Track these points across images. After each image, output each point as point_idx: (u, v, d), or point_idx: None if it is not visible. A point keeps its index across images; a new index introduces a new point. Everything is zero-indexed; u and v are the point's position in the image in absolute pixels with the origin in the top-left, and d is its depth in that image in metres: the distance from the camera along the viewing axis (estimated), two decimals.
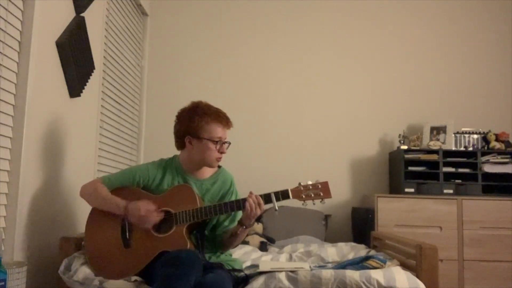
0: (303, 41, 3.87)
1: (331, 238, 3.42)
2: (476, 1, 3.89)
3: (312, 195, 1.88)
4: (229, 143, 2.07)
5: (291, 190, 1.88)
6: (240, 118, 3.75)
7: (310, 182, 1.90)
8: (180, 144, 2.08)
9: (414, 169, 3.42)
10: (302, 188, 1.89)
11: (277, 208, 1.85)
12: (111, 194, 1.99)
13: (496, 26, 3.87)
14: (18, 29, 1.99)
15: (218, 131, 2.00)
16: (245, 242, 2.88)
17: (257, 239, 2.98)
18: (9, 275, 1.65)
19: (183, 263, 1.66)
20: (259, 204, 1.85)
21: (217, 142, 2.00)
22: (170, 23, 3.90)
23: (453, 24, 3.89)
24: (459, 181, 3.39)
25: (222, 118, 2.03)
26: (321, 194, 1.88)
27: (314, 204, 1.91)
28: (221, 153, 2.03)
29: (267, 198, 1.87)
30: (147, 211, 1.87)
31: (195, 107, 2.04)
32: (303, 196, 1.88)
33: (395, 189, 3.52)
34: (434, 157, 3.40)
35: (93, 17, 2.65)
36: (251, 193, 1.88)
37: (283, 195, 1.87)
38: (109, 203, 1.96)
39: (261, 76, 3.84)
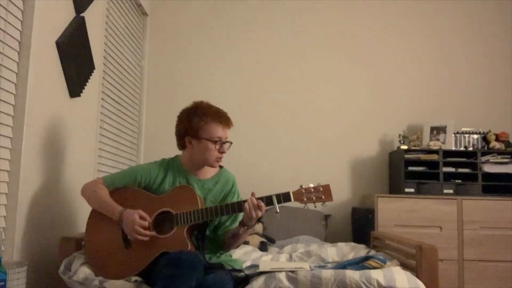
0: (303, 42, 3.87)
1: (331, 238, 3.42)
2: (476, 1, 3.89)
3: (314, 198, 1.87)
4: (231, 143, 2.06)
5: (293, 193, 1.87)
6: (240, 119, 3.72)
7: (311, 185, 1.88)
8: (180, 144, 2.08)
9: (414, 169, 3.42)
10: (303, 191, 1.88)
11: (278, 210, 1.85)
12: (110, 196, 1.99)
13: (496, 26, 3.87)
14: (18, 29, 1.99)
15: (217, 131, 2.00)
16: (245, 242, 2.87)
17: (257, 239, 2.98)
18: (9, 275, 1.65)
19: (184, 264, 1.66)
20: (258, 207, 1.84)
21: (216, 142, 2.00)
22: (170, 23, 3.90)
23: (453, 24, 3.89)
24: (459, 181, 3.39)
25: (221, 118, 2.01)
26: (323, 197, 1.87)
27: (315, 207, 1.90)
28: (221, 153, 2.02)
29: (268, 200, 1.86)
30: (140, 224, 1.86)
31: (195, 107, 2.04)
32: (305, 199, 1.87)
33: (395, 189, 3.52)
34: (434, 157, 3.40)
35: (93, 17, 2.65)
36: (253, 194, 1.87)
37: (284, 197, 1.86)
38: (106, 208, 1.96)
39: (262, 76, 3.84)
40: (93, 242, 1.97)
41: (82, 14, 2.49)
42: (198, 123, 1.99)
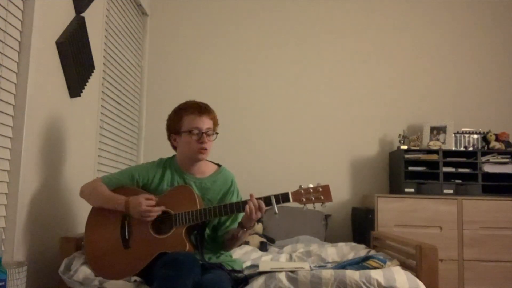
0: (303, 41, 3.87)
1: (331, 238, 3.41)
2: (476, 1, 3.89)
3: (313, 199, 1.86)
4: (216, 133, 2.05)
5: (292, 193, 1.87)
6: (240, 118, 3.78)
7: (311, 185, 1.88)
8: (171, 145, 2.11)
9: (414, 169, 3.42)
10: (302, 191, 1.87)
11: (277, 211, 1.84)
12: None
13: (496, 26, 3.87)
14: (18, 29, 1.99)
15: (193, 121, 1.99)
16: (245, 242, 2.88)
17: (257, 239, 2.98)
18: (9, 275, 1.65)
19: (181, 265, 1.66)
20: (259, 208, 1.84)
21: (194, 132, 1.98)
22: (170, 23, 3.90)
23: (453, 24, 3.88)
24: (459, 181, 3.39)
25: (195, 108, 2.00)
26: (322, 197, 1.86)
27: (314, 207, 1.90)
28: (201, 143, 1.98)
29: (267, 201, 1.85)
30: (148, 205, 1.88)
31: (176, 107, 2.07)
32: (304, 200, 1.86)
33: (395, 189, 3.52)
34: (434, 157, 3.40)
35: (93, 17, 2.65)
36: (251, 195, 1.87)
37: (283, 198, 1.86)
38: (109, 200, 1.96)
39: (261, 76, 3.84)
40: (92, 243, 1.98)
41: (82, 14, 2.49)
42: (175, 119, 2.03)
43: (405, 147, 3.47)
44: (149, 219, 1.89)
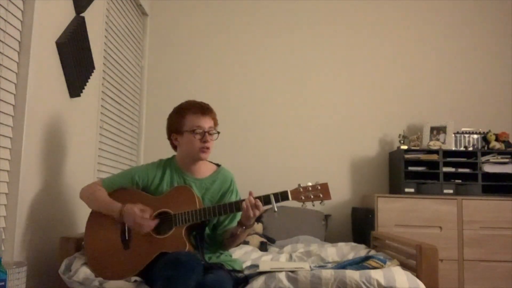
0: (302, 41, 3.87)
1: (331, 238, 3.42)
2: (476, 1, 3.89)
3: (312, 197, 1.86)
4: (218, 133, 2.07)
5: (291, 192, 1.87)
6: (239, 118, 3.79)
7: (309, 184, 1.88)
8: (171, 145, 2.12)
9: (414, 169, 3.42)
10: (301, 190, 1.87)
11: (276, 209, 1.84)
12: (109, 196, 2.00)
13: (496, 26, 3.87)
14: (18, 29, 1.99)
15: (196, 121, 2.00)
16: (245, 242, 2.88)
17: (257, 239, 2.98)
18: (9, 275, 1.65)
19: (183, 266, 1.66)
20: (256, 206, 1.84)
21: (196, 132, 1.99)
22: (170, 23, 3.90)
23: (453, 24, 3.88)
24: (459, 181, 3.39)
25: (197, 108, 2.02)
26: (321, 195, 1.86)
27: (313, 205, 1.90)
28: (204, 142, 2.00)
29: (266, 199, 1.86)
30: (142, 219, 1.88)
31: (176, 106, 2.09)
32: (303, 198, 1.86)
33: (395, 189, 3.52)
34: (434, 157, 3.40)
35: (93, 17, 2.65)
36: (250, 193, 1.88)
37: (282, 196, 1.86)
38: (105, 207, 1.97)
39: (261, 76, 3.84)
40: (92, 243, 1.98)
41: (82, 14, 2.49)
42: (177, 118, 2.04)
43: (405, 147, 3.47)
44: (142, 233, 1.89)
